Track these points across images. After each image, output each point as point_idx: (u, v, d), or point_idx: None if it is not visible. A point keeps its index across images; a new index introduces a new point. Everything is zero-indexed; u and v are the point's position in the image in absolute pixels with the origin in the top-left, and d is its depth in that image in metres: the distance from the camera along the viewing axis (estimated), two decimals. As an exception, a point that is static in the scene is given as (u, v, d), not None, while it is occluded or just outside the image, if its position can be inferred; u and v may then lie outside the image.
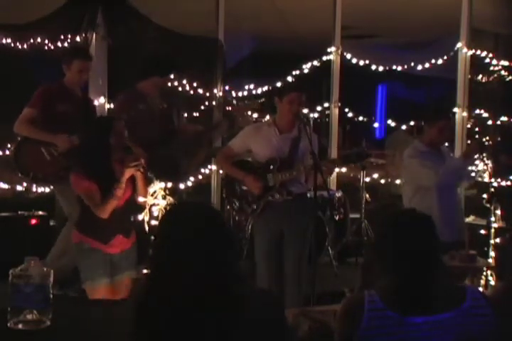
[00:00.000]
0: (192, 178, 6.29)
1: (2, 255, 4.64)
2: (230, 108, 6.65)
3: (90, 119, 4.70)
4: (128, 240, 3.87)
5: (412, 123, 7.42)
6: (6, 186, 5.78)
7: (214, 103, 6.58)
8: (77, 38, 5.88)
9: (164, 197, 3.93)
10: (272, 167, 4.34)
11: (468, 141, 6.73)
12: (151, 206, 4.19)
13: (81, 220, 3.83)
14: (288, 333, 2.07)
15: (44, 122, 4.68)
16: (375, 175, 7.08)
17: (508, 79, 7.42)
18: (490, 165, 4.78)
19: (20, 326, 2.47)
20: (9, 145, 5.87)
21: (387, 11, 7.44)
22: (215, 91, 6.58)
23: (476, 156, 4.70)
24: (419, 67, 7.32)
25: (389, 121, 7.57)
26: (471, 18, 6.90)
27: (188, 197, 6.20)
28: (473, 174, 5.15)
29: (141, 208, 4.15)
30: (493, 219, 4.91)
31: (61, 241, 4.75)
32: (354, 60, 7.11)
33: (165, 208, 4.18)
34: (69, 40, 5.85)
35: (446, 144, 5.13)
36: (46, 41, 5.76)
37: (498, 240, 4.78)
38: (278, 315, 1.99)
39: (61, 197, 4.84)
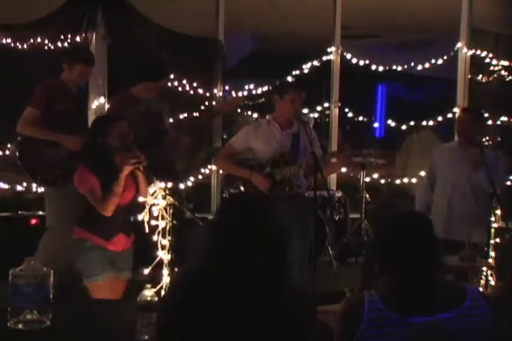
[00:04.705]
0: (192, 178, 6.29)
1: (2, 255, 4.63)
2: (215, 104, 6.60)
3: (83, 118, 4.64)
4: (128, 240, 3.88)
5: (412, 123, 7.42)
6: (6, 186, 5.77)
7: (214, 103, 6.59)
8: (77, 38, 5.88)
9: (164, 197, 3.92)
10: (279, 161, 4.33)
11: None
12: (151, 206, 4.18)
13: (84, 217, 3.82)
14: (315, 332, 2.07)
15: (44, 121, 4.56)
16: (375, 175, 7.08)
17: (508, 79, 7.41)
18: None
19: (20, 326, 2.47)
20: (9, 145, 5.86)
21: (387, 10, 7.44)
22: (215, 91, 6.58)
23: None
24: (419, 67, 7.31)
25: (389, 121, 7.57)
26: (471, 18, 6.92)
27: (188, 197, 6.20)
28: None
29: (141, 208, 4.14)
30: (493, 219, 4.91)
31: (43, 249, 4.60)
32: (354, 60, 7.11)
33: (167, 206, 4.17)
34: (69, 40, 5.84)
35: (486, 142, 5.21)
36: (46, 41, 5.75)
37: (498, 240, 4.77)
38: (310, 314, 2.04)
39: (49, 203, 4.73)
